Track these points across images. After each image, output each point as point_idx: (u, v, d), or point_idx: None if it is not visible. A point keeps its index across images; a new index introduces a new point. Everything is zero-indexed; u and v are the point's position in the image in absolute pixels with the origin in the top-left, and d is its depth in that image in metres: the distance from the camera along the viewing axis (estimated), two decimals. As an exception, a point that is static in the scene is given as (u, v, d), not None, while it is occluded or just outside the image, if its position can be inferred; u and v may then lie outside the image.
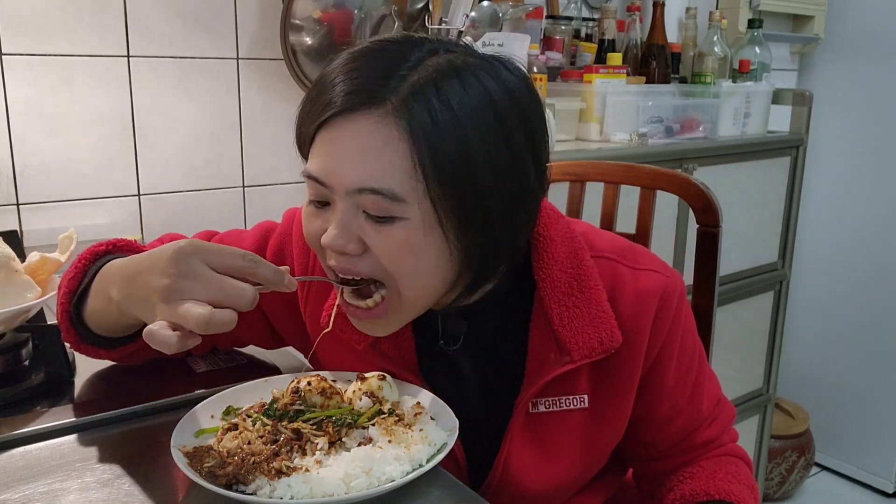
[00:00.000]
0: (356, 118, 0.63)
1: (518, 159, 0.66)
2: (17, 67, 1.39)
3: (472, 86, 0.64)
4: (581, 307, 0.75)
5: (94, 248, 0.80)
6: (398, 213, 0.64)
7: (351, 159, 0.64)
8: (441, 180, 0.63)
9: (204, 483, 0.62)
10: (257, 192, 1.71)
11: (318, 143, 0.67)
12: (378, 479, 0.63)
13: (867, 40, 2.49)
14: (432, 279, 0.68)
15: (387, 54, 0.66)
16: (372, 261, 0.67)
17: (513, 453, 0.79)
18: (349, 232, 0.66)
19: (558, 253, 0.76)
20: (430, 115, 0.62)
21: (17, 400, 0.79)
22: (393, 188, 0.63)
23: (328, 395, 0.73)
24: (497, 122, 0.64)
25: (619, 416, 0.81)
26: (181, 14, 1.54)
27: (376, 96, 0.63)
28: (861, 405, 2.60)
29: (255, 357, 0.94)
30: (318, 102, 0.66)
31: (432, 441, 0.68)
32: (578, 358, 0.74)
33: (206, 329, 0.59)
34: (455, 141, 0.62)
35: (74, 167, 1.48)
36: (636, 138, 1.79)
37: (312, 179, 0.67)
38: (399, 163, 0.63)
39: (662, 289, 0.78)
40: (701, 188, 1.09)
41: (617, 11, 2.00)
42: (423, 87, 0.62)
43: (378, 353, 0.79)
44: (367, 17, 1.69)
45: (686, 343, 0.83)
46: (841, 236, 2.61)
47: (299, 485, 0.61)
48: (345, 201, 0.65)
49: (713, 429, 0.87)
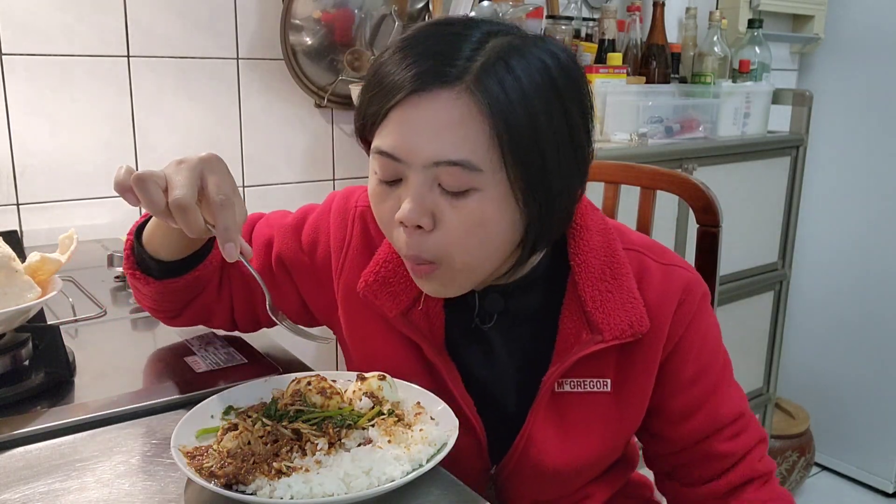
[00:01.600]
0: (431, 96, 0.67)
1: (574, 133, 0.70)
2: (17, 67, 1.39)
3: (534, 63, 0.68)
4: (613, 292, 0.79)
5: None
6: (474, 184, 0.68)
7: (428, 134, 0.67)
8: (514, 151, 0.67)
9: (204, 483, 0.62)
10: (257, 192, 1.71)
11: (392, 121, 0.69)
12: (378, 479, 0.63)
13: (867, 40, 2.48)
14: (495, 252, 0.72)
15: (449, 37, 0.70)
16: (439, 238, 0.70)
17: (535, 430, 0.81)
18: (424, 206, 0.69)
19: (593, 241, 0.80)
20: (503, 90, 0.66)
21: (17, 400, 0.79)
22: (470, 159, 0.67)
23: (328, 395, 0.73)
24: (556, 96, 0.68)
25: (638, 403, 0.83)
26: (181, 14, 1.54)
27: (449, 75, 0.67)
28: (861, 405, 2.60)
29: (255, 357, 0.94)
30: (387, 84, 0.69)
31: (432, 441, 0.68)
32: (610, 338, 0.77)
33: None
34: (525, 113, 0.66)
35: (74, 167, 1.48)
36: (636, 138, 1.79)
37: (386, 156, 0.70)
38: (475, 136, 0.66)
39: (686, 283, 0.82)
40: (701, 188, 1.09)
41: (617, 11, 2.00)
42: (494, 64, 0.67)
43: (408, 323, 0.81)
44: (367, 17, 1.69)
45: (707, 344, 0.85)
46: (841, 236, 2.61)
47: (299, 485, 0.61)
48: (420, 175, 0.68)
49: (736, 443, 0.85)
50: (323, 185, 1.80)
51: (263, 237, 0.90)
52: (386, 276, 0.81)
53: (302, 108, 1.74)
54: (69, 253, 0.90)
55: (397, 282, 0.80)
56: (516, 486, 0.85)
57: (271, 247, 0.89)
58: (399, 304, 0.80)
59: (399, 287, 0.80)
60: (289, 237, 0.88)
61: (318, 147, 1.78)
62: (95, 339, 1.00)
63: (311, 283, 0.88)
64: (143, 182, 0.68)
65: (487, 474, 0.85)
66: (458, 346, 0.83)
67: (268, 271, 0.88)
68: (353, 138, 1.81)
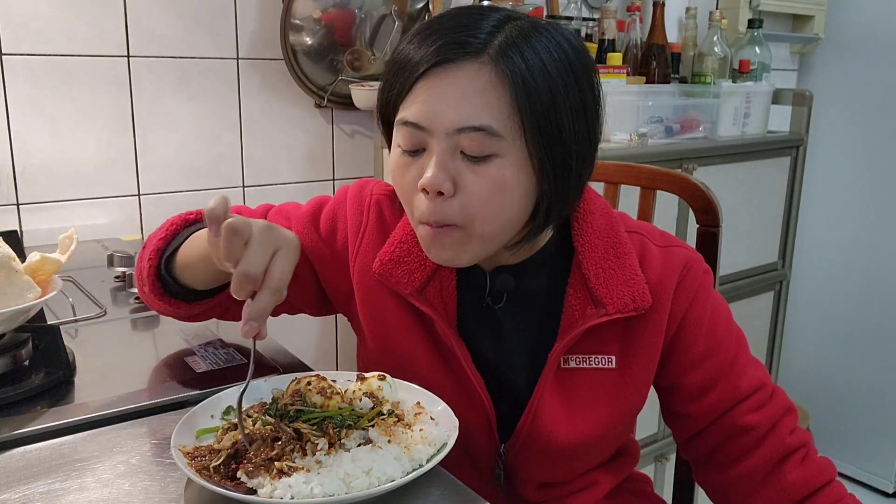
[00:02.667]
0: (455, 67, 0.72)
1: (587, 110, 0.75)
2: (17, 67, 1.39)
3: (552, 41, 0.73)
4: (616, 269, 0.83)
5: (184, 216, 0.87)
6: (495, 149, 0.72)
7: (452, 102, 0.71)
8: (533, 119, 0.71)
9: (204, 483, 0.62)
10: (257, 192, 1.71)
11: (417, 92, 0.73)
12: (378, 479, 0.63)
13: (867, 40, 2.48)
14: (511, 220, 0.76)
15: (471, 16, 0.75)
16: (460, 203, 0.73)
17: (542, 405, 0.83)
18: (446, 171, 0.73)
19: (596, 224, 0.85)
20: (525, 62, 0.71)
21: (17, 400, 0.79)
22: (492, 125, 0.71)
23: (328, 395, 0.73)
24: (572, 74, 0.73)
25: (642, 381, 0.86)
26: (181, 14, 1.54)
27: (473, 46, 0.72)
28: (861, 405, 2.60)
29: (255, 357, 0.94)
30: (413, 58, 0.73)
31: (432, 441, 0.68)
32: (613, 311, 0.81)
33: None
34: (545, 86, 0.71)
35: (74, 167, 1.48)
36: (636, 138, 1.79)
37: (411, 126, 0.74)
38: (497, 104, 0.71)
39: (686, 260, 0.86)
40: (701, 188, 1.09)
41: (617, 11, 2.00)
42: (516, 39, 0.72)
43: (422, 299, 0.83)
44: (368, 17, 1.69)
45: (717, 320, 0.87)
46: (841, 236, 2.61)
47: (300, 485, 0.61)
48: (443, 143, 0.72)
49: (761, 414, 0.86)
50: (323, 185, 1.80)
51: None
52: (401, 256, 0.84)
53: (302, 108, 1.74)
54: (69, 253, 0.90)
55: (412, 260, 0.84)
56: (524, 466, 0.86)
57: None
58: (413, 281, 0.83)
59: (414, 265, 0.84)
60: (307, 226, 0.90)
61: (318, 147, 1.78)
62: (95, 339, 1.00)
63: (329, 270, 0.90)
64: (232, 234, 0.64)
65: (496, 453, 0.87)
66: (468, 326, 0.85)
67: None
68: (354, 138, 1.83)
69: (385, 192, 0.89)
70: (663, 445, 1.95)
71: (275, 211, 0.93)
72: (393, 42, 1.71)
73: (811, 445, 0.88)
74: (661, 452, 1.97)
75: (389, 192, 0.89)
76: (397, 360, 0.85)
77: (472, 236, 0.75)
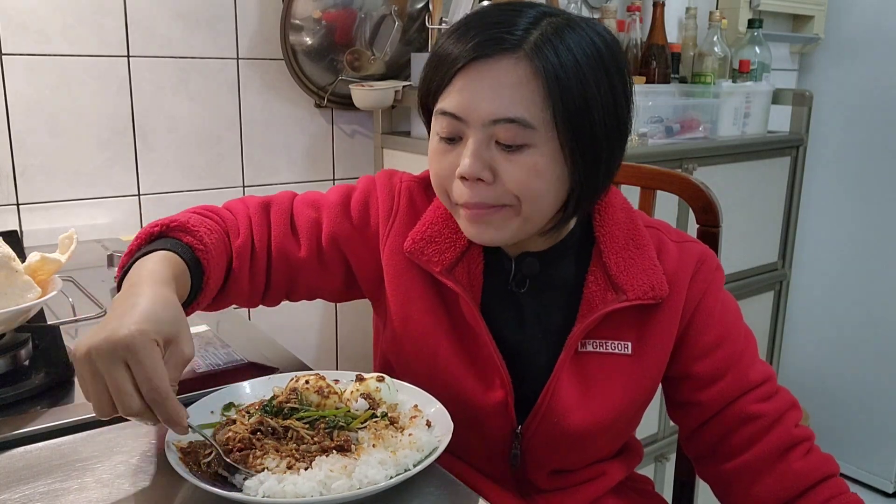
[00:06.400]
0: (493, 62, 0.75)
1: (617, 106, 0.79)
2: (17, 67, 1.39)
3: (585, 38, 0.77)
4: (635, 259, 0.86)
5: (149, 229, 0.82)
6: (528, 140, 0.75)
7: (489, 95, 0.75)
8: (565, 112, 0.75)
9: (192, 478, 0.62)
10: (257, 192, 1.71)
11: (455, 84, 0.77)
12: (360, 482, 0.63)
13: (867, 40, 2.48)
14: (550, 202, 0.79)
15: (507, 13, 0.78)
16: (500, 189, 0.77)
17: (559, 387, 0.85)
18: (482, 160, 0.77)
19: (617, 216, 0.89)
20: (558, 58, 0.74)
21: (17, 400, 0.79)
22: (526, 117, 0.74)
23: (325, 395, 0.73)
24: (603, 70, 0.77)
25: (655, 369, 0.88)
26: (181, 14, 1.54)
27: (509, 42, 0.75)
28: (861, 405, 2.60)
29: (255, 357, 0.94)
30: (452, 53, 0.77)
31: (420, 447, 0.68)
32: (633, 297, 0.84)
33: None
34: (577, 80, 0.75)
35: (74, 167, 1.48)
36: (636, 138, 1.79)
37: (449, 116, 0.78)
38: (531, 97, 0.74)
39: (701, 254, 0.90)
40: (701, 188, 1.09)
41: (617, 11, 2.00)
42: (550, 36, 0.75)
43: (451, 278, 0.86)
44: (368, 17, 1.69)
45: (728, 314, 0.91)
46: (841, 236, 2.61)
47: (282, 484, 0.62)
48: (479, 133, 0.76)
49: (768, 405, 0.87)
50: (323, 186, 1.80)
51: (309, 220, 0.91)
52: (432, 235, 0.87)
53: (302, 108, 1.74)
54: (69, 253, 0.91)
55: (443, 240, 0.87)
56: (539, 450, 0.88)
57: (320, 227, 0.91)
58: (444, 259, 0.86)
59: (445, 244, 0.87)
60: (339, 216, 0.91)
61: (318, 147, 1.78)
62: (95, 339, 1.00)
63: (362, 255, 0.92)
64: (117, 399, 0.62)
65: (513, 434, 0.88)
66: (492, 309, 0.88)
67: (316, 251, 0.90)
68: (353, 138, 1.83)
69: (414, 179, 0.93)
70: (663, 445, 1.95)
71: (301, 204, 0.93)
72: (393, 42, 1.71)
73: (814, 442, 0.89)
74: (661, 452, 1.97)
75: (419, 180, 0.93)
76: (420, 340, 0.87)
77: (519, 214, 0.79)
